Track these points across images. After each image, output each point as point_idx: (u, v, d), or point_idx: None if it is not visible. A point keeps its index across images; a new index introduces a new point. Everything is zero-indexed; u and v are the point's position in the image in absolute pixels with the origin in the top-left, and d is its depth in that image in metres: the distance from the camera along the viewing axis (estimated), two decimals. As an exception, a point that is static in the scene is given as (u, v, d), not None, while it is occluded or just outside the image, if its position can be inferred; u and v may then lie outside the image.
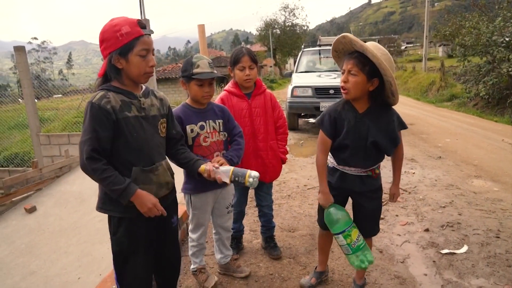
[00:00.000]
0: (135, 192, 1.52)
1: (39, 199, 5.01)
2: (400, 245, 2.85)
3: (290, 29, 42.16)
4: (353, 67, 1.76)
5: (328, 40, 12.41)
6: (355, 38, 1.74)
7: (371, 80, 1.77)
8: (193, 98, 2.11)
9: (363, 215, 2.06)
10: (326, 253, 2.31)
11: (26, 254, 3.54)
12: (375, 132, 1.84)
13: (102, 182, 1.50)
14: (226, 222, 2.34)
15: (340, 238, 1.91)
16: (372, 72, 1.75)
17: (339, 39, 1.81)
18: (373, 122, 1.85)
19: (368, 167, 1.94)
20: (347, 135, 1.86)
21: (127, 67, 1.55)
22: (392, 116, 1.89)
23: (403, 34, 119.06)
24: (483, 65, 10.57)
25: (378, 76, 1.76)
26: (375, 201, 2.04)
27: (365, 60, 1.74)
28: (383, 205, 3.64)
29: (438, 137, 7.15)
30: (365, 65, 1.74)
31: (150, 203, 1.55)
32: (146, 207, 1.55)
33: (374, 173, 1.97)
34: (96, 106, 1.49)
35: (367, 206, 2.02)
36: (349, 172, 1.96)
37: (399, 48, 48.18)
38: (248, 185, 1.81)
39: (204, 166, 1.83)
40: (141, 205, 1.55)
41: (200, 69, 2.00)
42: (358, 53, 1.77)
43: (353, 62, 1.76)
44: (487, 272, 2.42)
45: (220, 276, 2.45)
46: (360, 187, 1.97)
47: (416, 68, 22.49)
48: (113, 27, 1.50)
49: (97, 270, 2.94)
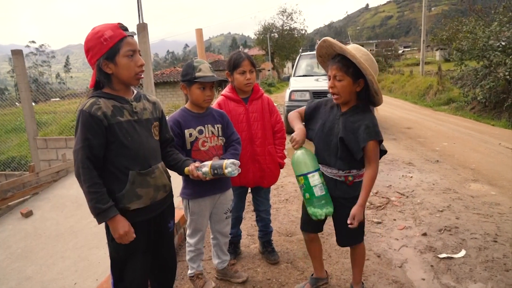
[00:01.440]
0: (113, 217, 1.52)
1: (36, 203, 4.99)
2: (398, 249, 2.84)
3: (288, 33, 42.32)
4: (337, 72, 1.79)
5: (326, 44, 12.46)
6: (334, 41, 1.76)
7: (357, 81, 1.81)
8: (194, 102, 2.11)
9: (336, 221, 2.05)
10: (318, 259, 2.26)
11: (22, 258, 3.52)
12: (344, 131, 1.84)
13: (88, 195, 1.50)
14: (224, 228, 2.33)
15: (301, 180, 1.88)
16: (356, 74, 1.78)
17: (320, 43, 1.84)
18: (347, 121, 1.86)
19: (341, 169, 1.90)
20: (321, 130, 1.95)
21: (117, 70, 1.55)
22: (366, 120, 1.82)
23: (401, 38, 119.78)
24: (480, 69, 10.62)
25: (362, 77, 1.79)
26: (347, 210, 1.90)
27: (347, 62, 1.76)
28: (380, 209, 3.66)
29: (435, 141, 7.17)
30: (349, 67, 1.76)
31: (122, 230, 1.54)
32: (118, 233, 1.54)
33: (348, 180, 1.92)
34: (86, 114, 1.49)
35: (337, 212, 1.95)
36: (326, 174, 1.96)
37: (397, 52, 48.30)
38: (228, 174, 1.78)
39: (187, 168, 1.84)
40: (114, 230, 1.54)
41: (202, 72, 2.01)
42: (340, 56, 1.80)
43: (336, 66, 1.79)
44: (485, 276, 2.42)
45: (218, 281, 2.44)
46: (333, 191, 1.94)
47: (413, 72, 22.56)
48: (96, 34, 1.51)
49: (94, 275, 2.92)
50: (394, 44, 54.16)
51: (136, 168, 1.60)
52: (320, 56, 1.93)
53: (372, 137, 1.77)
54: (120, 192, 1.57)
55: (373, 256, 2.73)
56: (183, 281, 2.47)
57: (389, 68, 33.77)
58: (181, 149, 2.04)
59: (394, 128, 8.82)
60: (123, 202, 1.57)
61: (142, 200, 1.62)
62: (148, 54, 6.27)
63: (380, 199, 3.97)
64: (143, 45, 5.88)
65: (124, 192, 1.57)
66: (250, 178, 2.51)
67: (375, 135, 1.78)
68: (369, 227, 3.25)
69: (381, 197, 4.03)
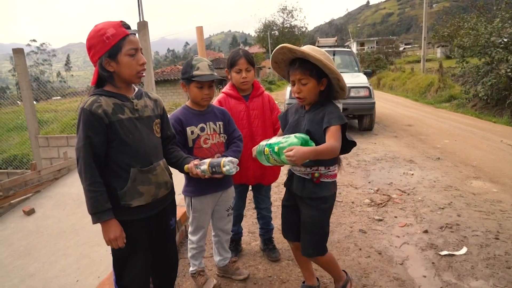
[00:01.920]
0: (108, 220, 1.53)
1: (38, 201, 5.00)
2: (399, 246, 2.84)
3: (289, 31, 42.26)
4: (302, 76, 1.80)
5: (327, 41, 12.44)
6: (294, 47, 1.76)
7: (321, 81, 1.82)
8: (193, 100, 2.12)
9: (301, 224, 1.97)
10: (306, 267, 2.18)
11: (25, 256, 3.53)
12: (310, 124, 1.84)
13: (87, 193, 1.51)
14: (226, 225, 2.34)
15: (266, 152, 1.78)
16: (319, 74, 1.80)
17: (277, 50, 1.82)
18: (311, 116, 1.86)
19: (309, 165, 1.83)
20: (287, 129, 1.94)
21: (118, 68, 1.56)
22: (328, 108, 1.82)
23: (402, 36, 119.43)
24: (482, 66, 10.59)
25: (325, 76, 1.81)
26: (313, 212, 1.88)
27: (309, 65, 1.77)
28: (381, 206, 3.66)
29: (436, 138, 7.16)
30: (312, 70, 1.78)
31: (113, 234, 1.55)
32: (108, 237, 1.55)
33: (314, 177, 1.85)
34: (87, 111, 1.50)
35: (304, 213, 1.92)
36: (295, 173, 1.95)
37: (398, 49, 48.25)
38: (226, 172, 1.77)
39: (186, 165, 1.84)
40: (105, 232, 1.56)
41: (200, 71, 2.00)
42: (299, 60, 1.80)
43: (299, 71, 1.80)
44: (486, 273, 2.42)
45: (219, 278, 2.44)
46: (301, 191, 1.90)
47: (414, 70, 22.52)
48: (98, 31, 1.51)
49: (96, 272, 2.93)
50: (395, 41, 54.07)
51: (137, 165, 1.60)
52: (275, 62, 1.92)
53: (333, 121, 1.74)
54: (122, 189, 1.57)
55: (374, 253, 2.74)
56: (185, 278, 2.47)
57: (390, 65, 33.73)
58: (183, 146, 2.04)
59: (395, 126, 8.81)
60: (125, 199, 1.58)
61: (143, 197, 1.62)
62: (149, 52, 6.26)
63: (381, 197, 3.97)
64: (143, 43, 5.88)
65: (125, 190, 1.58)
66: (251, 176, 2.51)
67: (338, 119, 1.75)
68: (370, 225, 3.26)
69: (382, 195, 4.03)
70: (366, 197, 3.97)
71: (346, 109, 7.33)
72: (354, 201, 3.87)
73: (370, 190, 4.19)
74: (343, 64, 9.28)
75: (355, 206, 3.75)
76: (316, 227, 1.90)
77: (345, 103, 7.31)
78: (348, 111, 7.42)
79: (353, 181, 4.56)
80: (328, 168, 1.87)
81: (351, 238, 3.01)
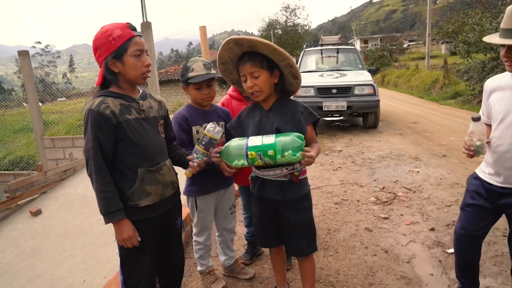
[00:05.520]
0: (120, 220, 1.54)
1: (44, 202, 5.04)
2: (405, 245, 2.83)
3: (292, 29, 42.08)
4: (253, 69, 1.69)
5: (330, 39, 12.40)
6: (240, 37, 1.66)
7: (273, 73, 1.73)
8: (194, 101, 2.13)
9: (288, 229, 1.86)
10: (280, 272, 2.09)
11: (32, 257, 3.56)
12: (279, 123, 1.74)
13: (98, 194, 1.51)
14: (229, 224, 2.34)
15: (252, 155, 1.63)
16: (271, 65, 1.71)
17: (223, 47, 1.71)
18: (277, 114, 1.77)
19: (284, 164, 1.72)
20: (252, 131, 1.79)
21: (124, 69, 1.57)
22: (297, 107, 1.78)
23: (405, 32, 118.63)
24: (488, 61, 10.50)
25: (276, 67, 1.73)
26: (301, 212, 1.82)
27: (259, 57, 1.69)
28: (387, 204, 3.64)
29: (442, 135, 7.11)
30: (262, 61, 1.69)
31: (126, 234, 1.55)
32: (122, 236, 1.56)
33: (294, 176, 1.76)
34: (95, 112, 1.51)
35: (291, 217, 1.82)
36: (268, 178, 1.79)
37: (402, 46, 47.95)
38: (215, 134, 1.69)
39: (187, 171, 1.83)
40: (118, 233, 1.56)
41: (195, 72, 2.00)
42: (247, 54, 1.71)
43: (249, 64, 1.69)
44: (494, 271, 2.40)
45: (225, 278, 2.45)
46: (281, 195, 1.79)
47: (419, 66, 22.39)
48: (105, 32, 1.53)
49: (102, 272, 2.94)
50: (399, 38, 53.77)
51: (144, 165, 1.61)
52: (222, 63, 1.80)
53: (309, 119, 1.76)
54: (130, 189, 1.58)
55: (381, 252, 2.72)
56: (191, 278, 2.48)
57: (394, 62, 33.54)
58: (189, 145, 2.04)
59: (400, 123, 8.77)
60: (133, 199, 1.59)
61: (151, 197, 1.63)
62: (153, 52, 6.28)
63: (387, 195, 3.95)
64: (147, 43, 5.86)
65: (133, 190, 1.59)
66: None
67: (312, 117, 1.76)
68: (376, 223, 3.24)
69: (387, 192, 4.01)
70: (371, 195, 3.95)
71: (351, 107, 7.31)
72: (359, 199, 3.85)
73: (375, 188, 4.17)
74: (347, 62, 9.24)
75: (360, 204, 3.73)
76: (306, 227, 1.86)
77: (350, 101, 7.28)
78: (353, 109, 7.38)
79: (358, 179, 4.55)
80: (301, 163, 1.75)
81: (357, 236, 3.00)
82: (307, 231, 1.87)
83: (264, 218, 1.92)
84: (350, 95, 7.36)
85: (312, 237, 1.90)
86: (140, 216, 1.62)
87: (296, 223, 1.83)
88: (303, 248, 1.87)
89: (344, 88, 7.42)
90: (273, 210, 1.87)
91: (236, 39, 1.67)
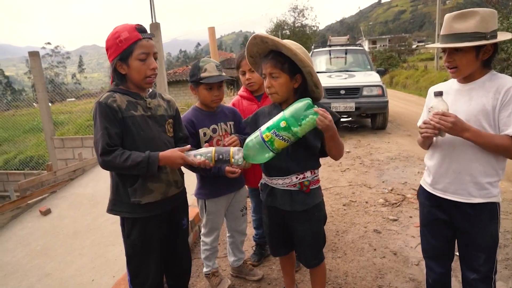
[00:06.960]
0: (158, 156, 1.53)
1: (54, 201, 5.09)
2: (414, 247, 2.80)
3: (300, 30, 41.99)
4: (273, 69, 1.66)
5: (338, 40, 12.32)
6: (265, 35, 1.63)
7: (294, 77, 1.68)
8: (203, 102, 2.11)
9: (297, 238, 1.82)
10: (290, 275, 2.09)
11: (42, 256, 3.60)
12: None
13: (124, 164, 1.50)
14: (241, 225, 2.34)
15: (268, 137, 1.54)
16: (292, 69, 1.65)
17: (250, 41, 1.70)
18: None
19: (294, 172, 1.70)
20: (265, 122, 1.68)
21: (129, 72, 1.60)
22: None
23: (414, 33, 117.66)
24: (498, 62, 10.35)
25: (299, 72, 1.67)
26: (308, 224, 1.76)
27: (281, 58, 1.64)
28: (396, 206, 3.61)
29: (452, 136, 7.01)
30: (284, 63, 1.65)
31: (179, 159, 1.56)
32: (178, 164, 1.57)
33: (304, 186, 1.71)
34: (103, 104, 1.54)
35: (299, 229, 1.78)
36: (277, 187, 1.75)
37: (410, 47, 47.54)
38: (235, 162, 1.59)
39: None
40: (173, 163, 1.58)
41: (208, 73, 1.99)
42: (272, 53, 1.68)
43: (270, 64, 1.66)
44: (505, 275, 2.36)
45: (233, 278, 2.45)
46: (290, 206, 1.73)
47: (428, 67, 22.19)
48: (114, 34, 1.56)
49: (111, 272, 2.96)
50: (408, 39, 53.34)
51: None
52: (251, 56, 1.79)
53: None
54: (132, 186, 1.59)
55: (390, 254, 2.70)
56: (199, 278, 2.48)
57: (403, 63, 33.27)
58: (196, 148, 2.04)
59: (409, 124, 8.69)
60: (135, 196, 1.60)
61: (153, 194, 1.64)
62: (161, 53, 6.31)
63: (396, 196, 3.91)
64: (156, 44, 5.91)
65: (136, 186, 1.60)
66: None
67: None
68: (384, 225, 3.21)
69: (396, 194, 3.97)
70: (380, 197, 3.92)
71: (359, 108, 7.26)
72: (368, 201, 3.82)
73: (384, 190, 4.14)
74: (355, 63, 9.19)
75: (369, 206, 3.70)
76: (315, 238, 1.81)
77: (358, 102, 7.24)
78: (361, 110, 7.34)
79: (366, 181, 4.51)
80: (314, 172, 1.76)
81: (365, 238, 2.98)
82: (315, 244, 1.83)
83: (273, 227, 1.89)
84: (359, 96, 7.32)
85: (321, 249, 1.86)
86: (143, 213, 1.63)
87: (304, 235, 1.78)
88: (311, 259, 1.85)
89: (352, 89, 7.38)
90: (282, 219, 1.83)
91: (262, 37, 1.65)
